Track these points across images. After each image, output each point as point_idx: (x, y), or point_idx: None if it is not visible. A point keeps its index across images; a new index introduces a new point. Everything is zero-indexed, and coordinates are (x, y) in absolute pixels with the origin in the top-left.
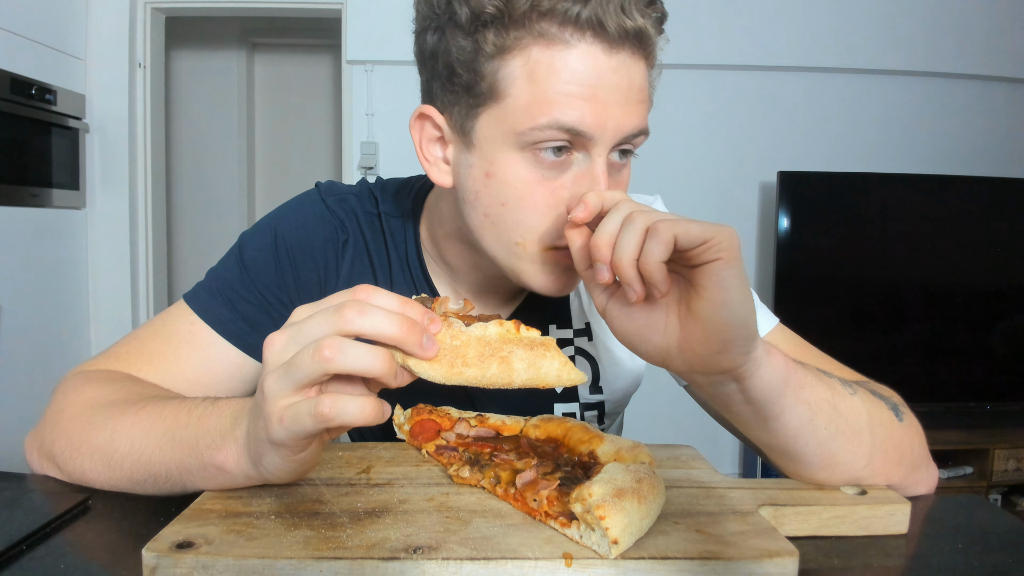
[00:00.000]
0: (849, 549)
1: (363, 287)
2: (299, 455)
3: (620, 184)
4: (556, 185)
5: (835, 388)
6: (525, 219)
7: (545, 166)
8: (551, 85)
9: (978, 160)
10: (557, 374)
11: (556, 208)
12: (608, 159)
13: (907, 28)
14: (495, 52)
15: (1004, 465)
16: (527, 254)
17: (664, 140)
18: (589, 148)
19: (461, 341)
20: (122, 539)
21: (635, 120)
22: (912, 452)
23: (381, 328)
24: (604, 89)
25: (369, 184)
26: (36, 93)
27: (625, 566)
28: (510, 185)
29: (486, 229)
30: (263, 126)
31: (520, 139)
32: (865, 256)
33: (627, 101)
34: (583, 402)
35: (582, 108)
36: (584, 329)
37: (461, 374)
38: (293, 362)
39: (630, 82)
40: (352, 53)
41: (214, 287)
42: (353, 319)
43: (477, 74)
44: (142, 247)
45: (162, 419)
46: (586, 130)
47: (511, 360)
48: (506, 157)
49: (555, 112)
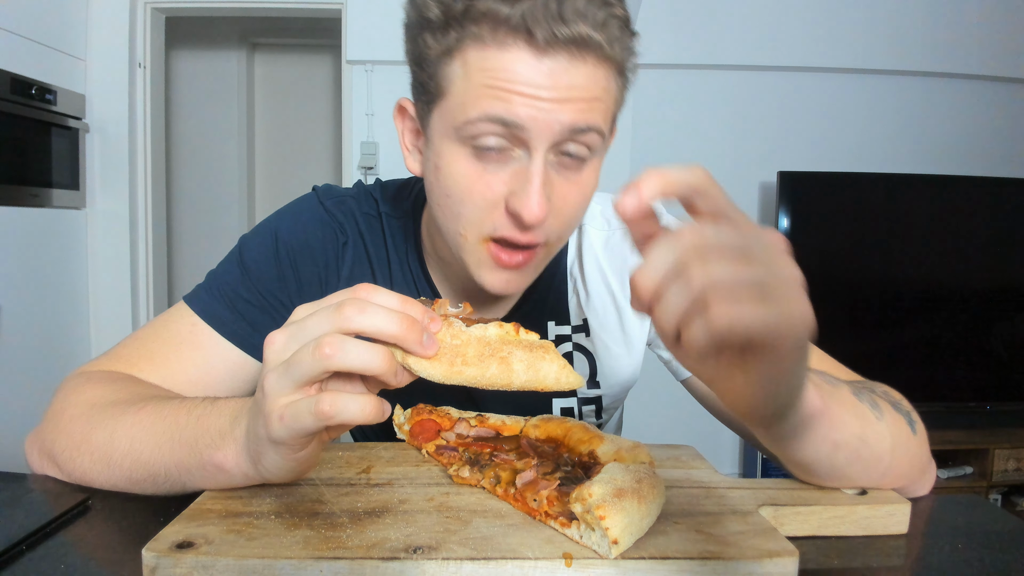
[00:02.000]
0: (849, 549)
1: (364, 286)
2: (298, 454)
3: (578, 186)
4: (493, 179)
5: (865, 418)
6: (465, 211)
7: (483, 160)
8: (483, 81)
9: (978, 160)
10: (556, 377)
11: (493, 202)
12: (556, 159)
13: (906, 28)
14: (440, 53)
15: (1004, 465)
16: (469, 246)
17: (664, 140)
18: (528, 144)
19: (461, 340)
20: (122, 539)
21: (574, 116)
22: (920, 461)
23: (381, 326)
24: (538, 87)
25: (367, 186)
26: (36, 93)
27: (625, 566)
28: (452, 178)
29: (439, 220)
30: (263, 126)
31: (459, 133)
32: (865, 256)
33: (567, 96)
34: (580, 396)
35: (512, 101)
36: (582, 325)
37: (461, 373)
38: (293, 360)
39: (569, 83)
40: (352, 53)
41: (215, 288)
42: (353, 317)
43: (427, 73)
44: (142, 247)
45: (162, 418)
46: (516, 121)
47: (510, 361)
48: (450, 151)
49: (485, 105)
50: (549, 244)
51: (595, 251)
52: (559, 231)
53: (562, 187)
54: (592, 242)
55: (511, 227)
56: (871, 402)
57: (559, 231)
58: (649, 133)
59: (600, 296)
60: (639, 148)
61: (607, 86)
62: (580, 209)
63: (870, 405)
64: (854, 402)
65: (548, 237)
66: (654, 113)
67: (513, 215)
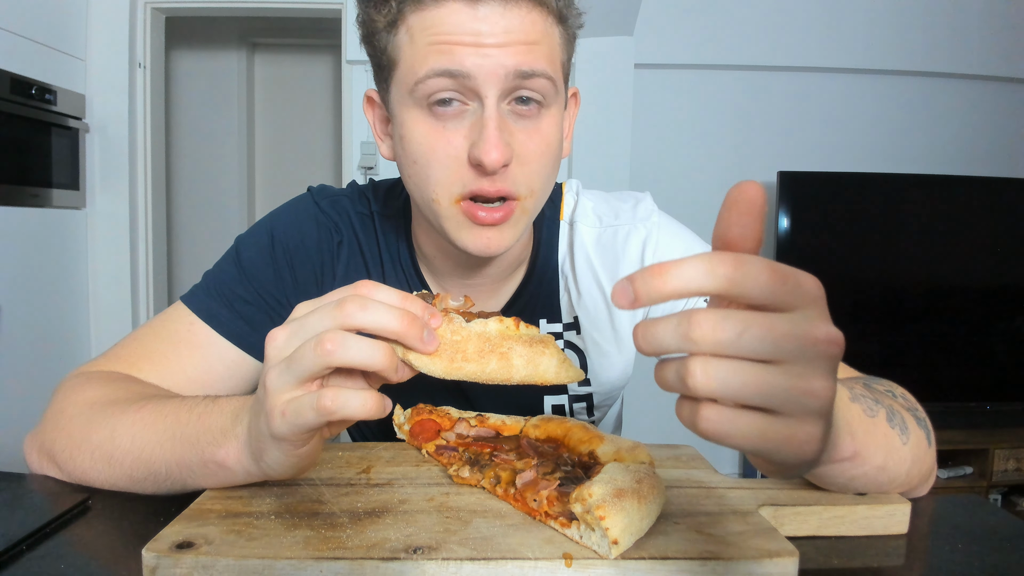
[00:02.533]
0: (849, 549)
1: (364, 282)
2: (300, 450)
3: (539, 135)
4: (453, 135)
5: (891, 447)
6: (432, 173)
7: (441, 119)
8: (426, 39)
9: (978, 160)
10: (556, 371)
11: (456, 158)
12: (510, 108)
13: (906, 28)
14: (386, 25)
15: (1004, 465)
16: (443, 210)
17: (664, 140)
18: (479, 93)
19: (461, 336)
20: (122, 539)
21: (516, 59)
22: (929, 469)
23: (383, 322)
24: (477, 34)
25: (361, 186)
26: (36, 93)
27: (625, 566)
28: (415, 142)
29: (414, 194)
30: (263, 126)
31: (413, 96)
32: (865, 256)
33: (506, 43)
34: (572, 394)
35: (455, 52)
36: (573, 323)
37: (461, 369)
38: (295, 356)
39: (506, 27)
40: (352, 53)
41: (212, 288)
42: (355, 313)
43: (379, 49)
44: (142, 247)
45: (163, 417)
46: (461, 70)
47: (510, 356)
48: (409, 117)
49: (431, 62)
50: (522, 199)
51: (586, 249)
52: (527, 182)
53: (522, 135)
54: (584, 240)
55: (477, 179)
56: (901, 425)
57: (527, 182)
58: (649, 133)
59: (591, 294)
60: (639, 148)
61: (545, 30)
62: (545, 159)
63: (900, 430)
64: (886, 431)
65: (518, 189)
66: (654, 113)
67: (475, 165)
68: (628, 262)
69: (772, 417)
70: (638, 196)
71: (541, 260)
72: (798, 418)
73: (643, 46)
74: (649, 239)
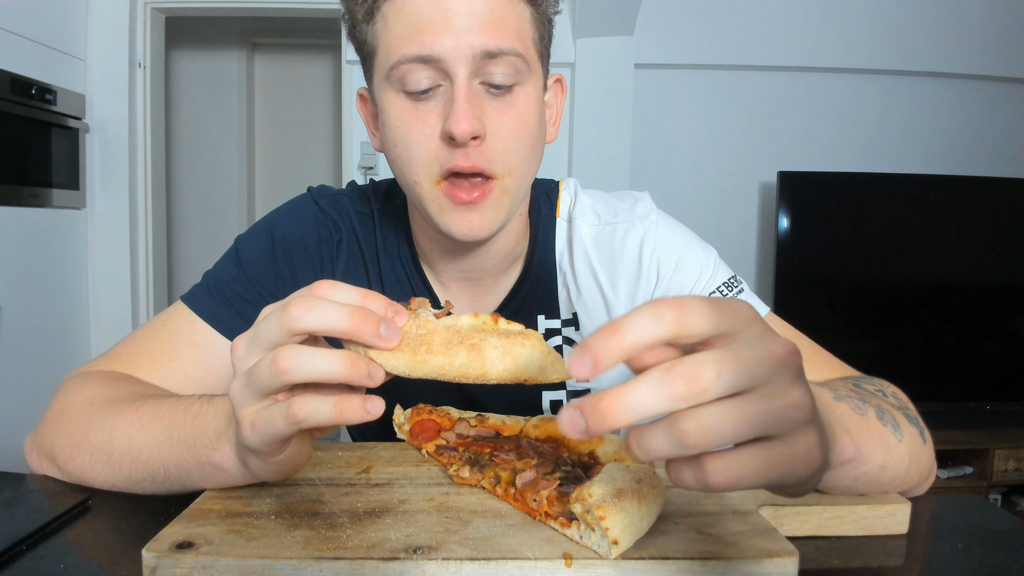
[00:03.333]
0: (849, 549)
1: (322, 283)
2: (279, 457)
3: (514, 111)
4: (428, 115)
5: (888, 445)
6: (411, 154)
7: (415, 99)
8: (397, 26)
9: (978, 160)
10: (540, 365)
11: (431, 136)
12: (483, 87)
13: (907, 28)
14: (364, 15)
15: (1004, 465)
16: (426, 192)
17: (664, 140)
18: (449, 73)
19: (427, 330)
20: (122, 539)
21: (485, 37)
22: (928, 467)
23: (329, 322)
24: (443, 15)
25: (361, 185)
26: (36, 93)
27: (625, 566)
28: (394, 125)
29: (400, 180)
30: (263, 126)
31: (390, 81)
32: (865, 256)
33: (473, 22)
34: (570, 389)
35: (423, 35)
36: (571, 319)
37: (425, 363)
38: (254, 373)
39: (470, 5)
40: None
41: (212, 288)
42: (300, 317)
43: (360, 40)
44: (142, 247)
45: (160, 417)
46: (430, 54)
47: (483, 348)
48: (388, 101)
49: (404, 48)
50: (500, 178)
51: (584, 245)
52: (503, 160)
53: (495, 112)
54: (582, 236)
55: (452, 154)
56: (893, 423)
57: (503, 160)
58: (649, 133)
59: (590, 291)
60: (639, 148)
61: (513, 9)
62: (522, 136)
63: (892, 428)
64: (879, 429)
65: (493, 166)
66: (654, 113)
67: (447, 139)
68: (626, 260)
69: (768, 443)
70: (637, 195)
71: (538, 256)
72: (791, 434)
73: (643, 46)
74: (647, 237)
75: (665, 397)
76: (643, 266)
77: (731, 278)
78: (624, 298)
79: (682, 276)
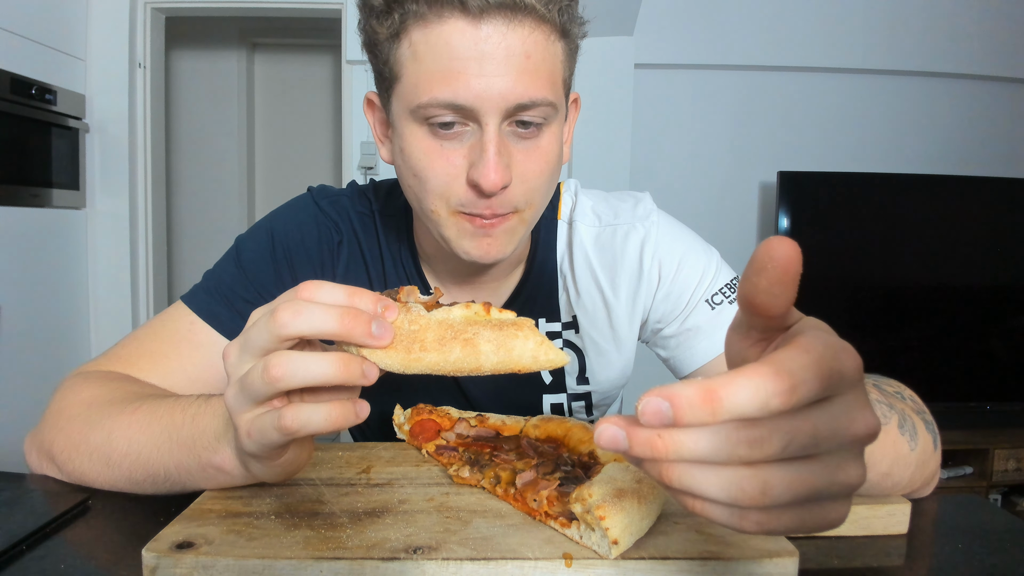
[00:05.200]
0: (849, 549)
1: (307, 284)
2: (278, 460)
3: (538, 152)
4: (453, 154)
5: (898, 453)
6: (430, 186)
7: (440, 137)
8: (429, 63)
9: (978, 160)
10: (533, 355)
11: (455, 177)
12: (511, 129)
13: (907, 28)
14: (388, 37)
15: (1004, 465)
16: (442, 220)
17: (664, 140)
18: (479, 119)
19: (419, 326)
20: (122, 539)
21: (521, 88)
22: (933, 472)
23: (318, 325)
24: (479, 60)
25: (361, 186)
26: (36, 93)
27: (625, 566)
28: (415, 157)
29: (413, 203)
30: (263, 126)
31: (415, 115)
32: (865, 256)
33: (508, 70)
34: (570, 392)
35: (457, 82)
36: (571, 322)
37: (420, 360)
38: (247, 380)
39: (507, 50)
40: (352, 53)
41: (212, 288)
42: (289, 322)
43: (381, 59)
44: (142, 247)
45: (158, 418)
46: (464, 103)
47: (477, 342)
48: (410, 131)
49: (434, 90)
50: (521, 211)
51: (585, 248)
52: (526, 198)
53: (521, 155)
54: (582, 239)
55: (474, 199)
56: (911, 431)
57: (526, 198)
58: (649, 133)
59: (589, 294)
60: (639, 148)
61: (547, 48)
62: (545, 175)
63: (909, 436)
64: (896, 439)
65: (516, 204)
66: (654, 113)
67: (473, 186)
68: (627, 261)
69: (810, 505)
70: (637, 196)
71: (539, 259)
72: (832, 501)
73: (643, 46)
74: (648, 238)
75: (724, 455)
76: (644, 268)
77: (734, 279)
78: (625, 300)
79: (684, 278)
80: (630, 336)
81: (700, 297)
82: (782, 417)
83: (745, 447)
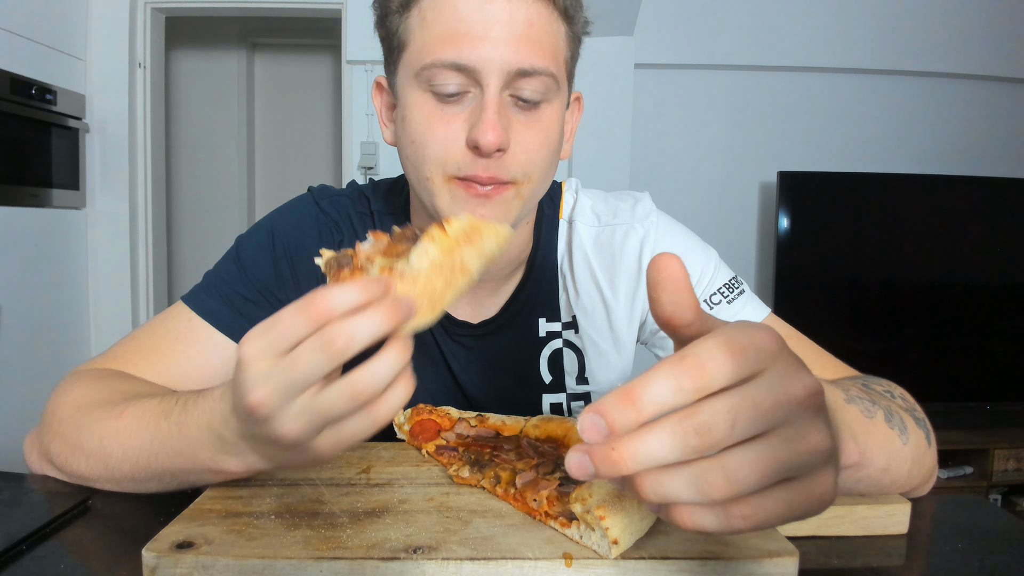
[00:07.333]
0: (849, 549)
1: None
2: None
3: (538, 125)
4: (452, 117)
5: (892, 448)
6: (428, 151)
7: (442, 101)
8: (436, 27)
9: (978, 160)
10: (496, 243)
11: (454, 139)
12: (510, 99)
13: (906, 28)
14: (398, 7)
15: (1004, 465)
16: (436, 188)
17: (664, 140)
18: (481, 82)
19: (421, 281)
20: (122, 539)
21: (522, 55)
22: (930, 468)
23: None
24: (485, 24)
25: (361, 186)
26: (36, 93)
27: (625, 566)
28: (415, 122)
29: (409, 175)
30: (263, 126)
31: (419, 79)
32: (865, 256)
33: (512, 36)
34: (570, 392)
35: (462, 43)
36: (571, 322)
37: (441, 302)
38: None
39: (512, 16)
40: (352, 53)
41: (212, 287)
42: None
43: (390, 31)
44: (142, 247)
45: (144, 426)
46: (467, 63)
47: (466, 264)
48: (412, 97)
49: (439, 52)
50: (518, 184)
51: (584, 248)
52: (523, 169)
53: (521, 125)
54: (582, 238)
55: (473, 162)
56: (900, 425)
57: (523, 169)
58: (649, 133)
59: (589, 294)
60: (639, 148)
61: (550, 26)
62: (545, 149)
63: (899, 431)
64: (886, 432)
65: (513, 174)
66: (654, 113)
67: (472, 147)
68: (626, 261)
69: (789, 485)
70: (637, 196)
71: (540, 259)
72: (811, 475)
73: (643, 46)
74: (647, 238)
75: (678, 449)
76: (643, 268)
77: (732, 279)
78: (624, 300)
79: None
80: (629, 336)
81: (699, 297)
82: (718, 398)
83: (694, 436)
